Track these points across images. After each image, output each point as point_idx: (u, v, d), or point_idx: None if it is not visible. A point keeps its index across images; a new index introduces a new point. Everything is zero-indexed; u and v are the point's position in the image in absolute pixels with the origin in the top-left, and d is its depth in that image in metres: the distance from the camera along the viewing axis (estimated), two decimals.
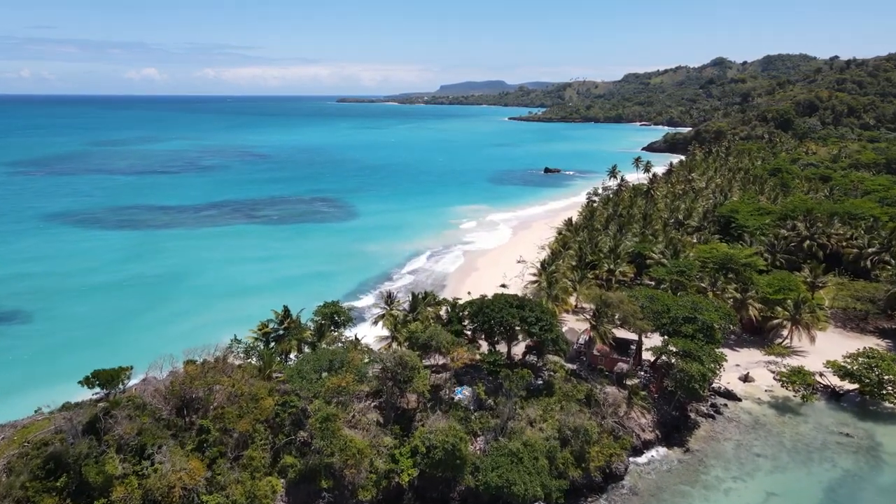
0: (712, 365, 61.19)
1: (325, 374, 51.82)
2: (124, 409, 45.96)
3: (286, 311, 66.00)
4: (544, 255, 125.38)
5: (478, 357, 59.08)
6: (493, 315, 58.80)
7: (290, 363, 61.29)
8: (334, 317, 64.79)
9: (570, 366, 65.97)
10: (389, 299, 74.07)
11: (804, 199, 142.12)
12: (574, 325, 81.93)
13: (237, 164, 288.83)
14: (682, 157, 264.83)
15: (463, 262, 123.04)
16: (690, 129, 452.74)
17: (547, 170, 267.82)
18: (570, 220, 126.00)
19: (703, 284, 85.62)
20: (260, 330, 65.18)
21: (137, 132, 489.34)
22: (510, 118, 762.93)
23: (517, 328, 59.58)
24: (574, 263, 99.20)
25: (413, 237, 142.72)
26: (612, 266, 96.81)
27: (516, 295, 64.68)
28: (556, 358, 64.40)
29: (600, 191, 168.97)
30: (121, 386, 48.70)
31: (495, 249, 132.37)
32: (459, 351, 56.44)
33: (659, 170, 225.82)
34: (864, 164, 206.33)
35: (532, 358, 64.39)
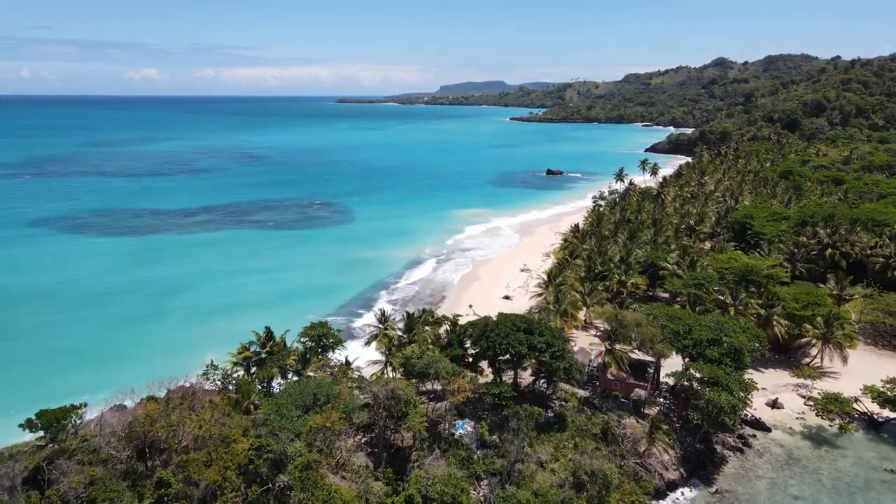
0: (742, 394, 54.95)
1: (308, 412, 45.56)
2: (74, 455, 39.76)
3: (269, 332, 59.75)
4: (549, 262, 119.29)
5: (481, 386, 52.74)
6: (498, 340, 52.50)
7: (272, 391, 55.16)
8: (322, 340, 58.50)
9: (582, 392, 59.78)
10: (383, 318, 67.81)
11: (819, 203, 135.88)
12: (584, 344, 75.70)
13: (233, 165, 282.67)
14: (689, 159, 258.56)
15: (464, 271, 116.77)
16: (693, 129, 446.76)
17: (549, 172, 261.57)
18: (576, 226, 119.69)
19: (722, 298, 79.33)
20: (240, 353, 58.95)
21: (134, 133, 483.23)
22: (511, 118, 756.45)
23: (525, 354, 53.25)
24: (582, 274, 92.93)
25: (413, 243, 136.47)
26: (623, 277, 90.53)
27: (523, 316, 58.36)
28: (567, 385, 58.22)
29: (606, 194, 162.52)
30: (72, 427, 42.50)
31: (497, 257, 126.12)
32: (461, 382, 50.19)
33: (665, 172, 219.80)
34: (878, 166, 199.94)
35: (541, 385, 58.18)
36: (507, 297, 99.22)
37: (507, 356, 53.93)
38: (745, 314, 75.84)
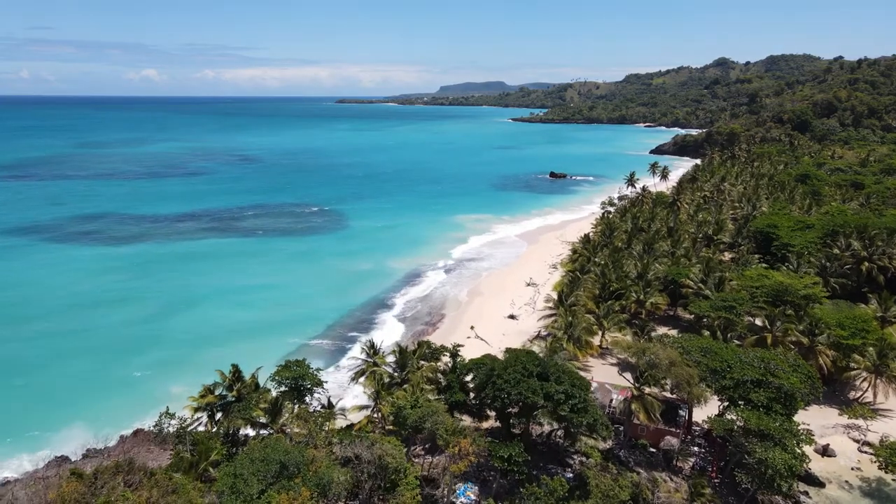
0: (799, 450, 46.00)
1: (274, 485, 36.65)
2: None
3: (236, 371, 50.89)
4: (556, 275, 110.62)
5: (487, 446, 43.69)
6: (506, 389, 43.57)
7: (238, 446, 46.32)
8: (299, 382, 49.53)
9: (603, 444, 50.86)
10: (372, 350, 58.82)
11: (842, 210, 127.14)
12: (601, 375, 66.77)
13: (227, 168, 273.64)
14: (698, 161, 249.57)
15: (465, 285, 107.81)
16: (698, 130, 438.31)
17: (553, 174, 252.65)
18: (586, 236, 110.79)
19: (756, 322, 70.48)
20: (202, 397, 50.05)
21: (128, 134, 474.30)
22: (511, 119, 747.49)
23: (539, 406, 44.30)
24: (596, 292, 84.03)
25: (411, 253, 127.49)
26: (641, 296, 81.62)
27: (535, 355, 49.30)
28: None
29: (616, 199, 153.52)
30: None
31: (501, 269, 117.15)
32: (462, 443, 41.24)
33: (674, 174, 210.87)
34: None
35: (558, 435, 49.27)
36: (512, 317, 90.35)
37: (518, 408, 44.99)
38: (784, 342, 67.00)
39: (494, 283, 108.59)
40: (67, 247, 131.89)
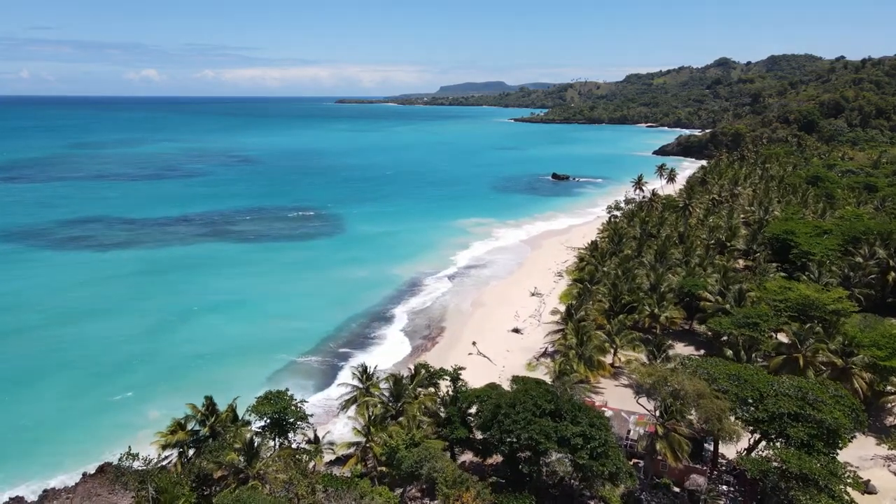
0: (847, 497, 40.52)
1: None
2: None
3: (210, 403, 45.52)
4: (562, 284, 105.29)
5: (493, 499, 38.16)
6: (515, 430, 38.09)
7: (210, 493, 40.92)
8: (280, 417, 44.06)
9: (622, 487, 45.38)
10: (364, 375, 53.40)
11: (857, 214, 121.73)
12: (616, 400, 61.31)
13: (222, 169, 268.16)
14: (703, 163, 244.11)
15: (466, 295, 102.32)
16: (700, 130, 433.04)
17: (555, 176, 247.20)
18: (594, 243, 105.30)
19: (783, 340, 65.02)
20: (171, 433, 44.61)
21: (125, 134, 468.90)
22: (512, 119, 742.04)
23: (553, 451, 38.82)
24: (606, 306, 78.62)
25: (409, 260, 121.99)
26: (655, 309, 76.15)
27: (546, 387, 43.76)
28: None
29: (623, 204, 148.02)
30: None
31: (504, 277, 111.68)
32: (465, 497, 35.72)
33: (680, 176, 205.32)
34: None
35: (573, 477, 43.77)
36: (516, 331, 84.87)
37: (529, 453, 39.50)
38: (814, 363, 61.54)
39: (497, 292, 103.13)
40: (52, 253, 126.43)
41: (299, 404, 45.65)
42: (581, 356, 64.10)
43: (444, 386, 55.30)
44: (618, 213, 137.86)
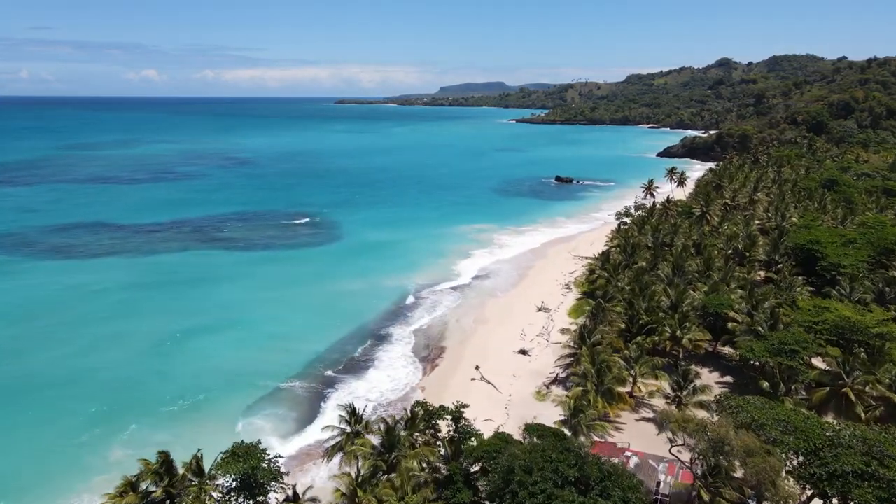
0: None
1: None
2: None
3: (165, 459, 38.29)
4: (570, 298, 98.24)
5: None
6: (531, 502, 30.96)
7: None
8: (250, 477, 36.92)
9: None
10: (353, 417, 46.30)
11: (881, 221, 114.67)
12: (640, 441, 54.23)
13: (215, 171, 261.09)
14: (711, 165, 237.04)
15: (468, 311, 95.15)
16: (703, 131, 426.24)
17: (558, 178, 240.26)
18: (605, 255, 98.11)
19: (826, 368, 58.05)
20: (120, 496, 37.48)
21: (120, 135, 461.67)
22: (512, 120, 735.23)
23: None
24: (622, 327, 71.55)
25: (406, 271, 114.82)
26: (677, 332, 69.02)
27: (568, 445, 36.63)
28: None
29: (632, 209, 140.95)
30: None
31: (508, 290, 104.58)
32: None
33: (688, 179, 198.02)
34: None
35: None
36: (523, 352, 77.75)
37: None
38: (863, 398, 54.50)
39: (501, 307, 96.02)
40: (27, 263, 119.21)
41: (274, 460, 38.59)
42: (599, 389, 57.04)
43: (446, 427, 48.52)
44: (627, 220, 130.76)
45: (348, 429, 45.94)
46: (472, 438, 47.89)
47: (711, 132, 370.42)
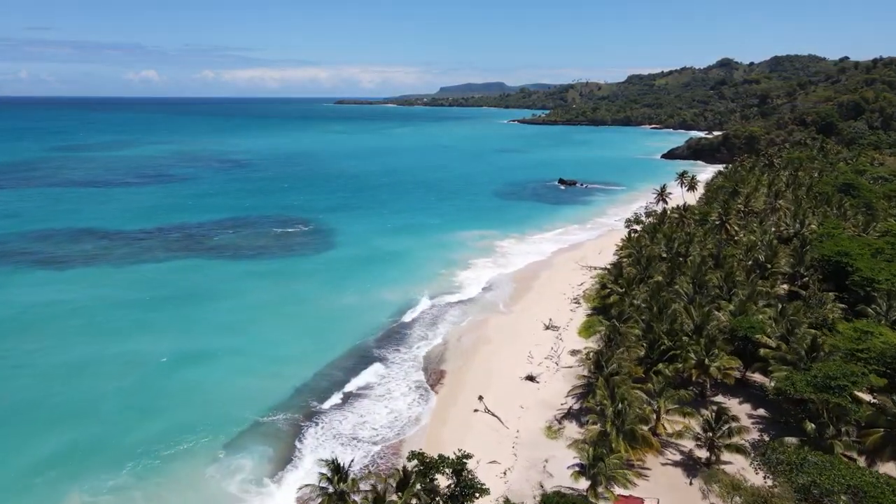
0: None
1: None
2: None
3: None
4: (580, 314, 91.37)
5: None
6: None
7: None
8: None
9: None
10: (337, 474, 39.34)
11: None
12: (669, 495, 47.27)
13: (210, 174, 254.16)
14: (720, 167, 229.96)
15: (468, 327, 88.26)
16: (706, 132, 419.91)
17: (562, 181, 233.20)
18: (618, 267, 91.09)
19: (875, 401, 51.16)
20: None
21: (115, 136, 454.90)
22: (512, 120, 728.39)
23: None
24: (642, 353, 64.59)
25: (404, 283, 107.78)
26: (703, 358, 61.99)
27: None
28: None
29: (643, 216, 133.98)
30: None
31: (512, 305, 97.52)
32: None
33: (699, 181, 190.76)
34: None
35: None
36: (531, 378, 70.80)
37: None
38: None
39: (505, 324, 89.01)
40: (4, 272, 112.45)
41: None
42: (620, 429, 50.08)
43: (446, 480, 41.78)
44: (637, 228, 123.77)
45: (330, 488, 39.02)
46: (477, 493, 41.44)
47: (716, 133, 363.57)
